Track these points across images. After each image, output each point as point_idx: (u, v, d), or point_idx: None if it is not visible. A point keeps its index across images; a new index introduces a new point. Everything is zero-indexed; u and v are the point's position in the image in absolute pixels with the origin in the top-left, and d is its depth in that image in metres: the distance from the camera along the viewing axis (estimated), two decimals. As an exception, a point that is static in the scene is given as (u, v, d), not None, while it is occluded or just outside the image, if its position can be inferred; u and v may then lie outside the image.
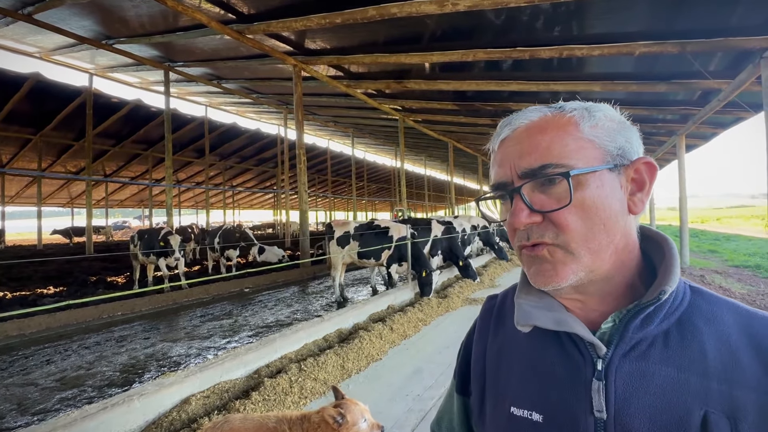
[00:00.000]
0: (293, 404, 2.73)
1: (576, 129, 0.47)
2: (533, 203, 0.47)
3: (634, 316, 0.45)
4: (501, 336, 0.58)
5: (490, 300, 0.65)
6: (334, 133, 20.68)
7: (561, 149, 0.46)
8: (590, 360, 0.46)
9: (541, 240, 0.46)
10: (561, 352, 0.50)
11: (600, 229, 0.45)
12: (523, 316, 0.51)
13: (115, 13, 7.23)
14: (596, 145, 0.47)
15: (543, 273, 0.47)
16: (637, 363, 0.44)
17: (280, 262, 10.22)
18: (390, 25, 6.31)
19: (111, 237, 25.78)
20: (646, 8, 4.85)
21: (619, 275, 0.48)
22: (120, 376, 3.72)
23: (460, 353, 0.66)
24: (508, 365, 0.55)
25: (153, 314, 6.19)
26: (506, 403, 0.52)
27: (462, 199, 51.38)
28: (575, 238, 0.45)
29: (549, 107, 0.50)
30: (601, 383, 0.45)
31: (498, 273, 8.49)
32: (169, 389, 2.53)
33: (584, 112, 0.48)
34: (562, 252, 0.46)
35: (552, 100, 2.51)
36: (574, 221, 0.45)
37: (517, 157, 0.48)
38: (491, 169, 0.53)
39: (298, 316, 5.83)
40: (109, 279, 8.74)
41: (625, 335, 0.45)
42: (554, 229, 0.46)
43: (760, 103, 4.65)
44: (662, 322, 0.45)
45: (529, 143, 0.48)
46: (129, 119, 14.07)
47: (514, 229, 0.49)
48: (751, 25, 4.60)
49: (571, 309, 0.50)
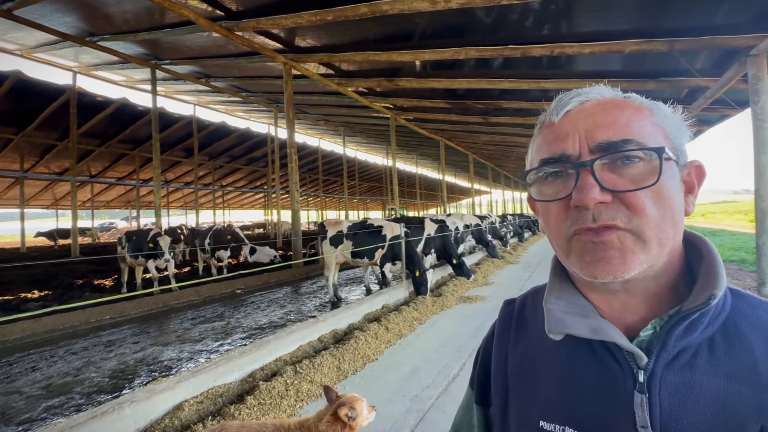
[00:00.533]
0: (289, 407, 2.68)
1: (651, 114, 0.45)
2: (604, 182, 0.42)
3: (678, 322, 0.42)
4: (523, 343, 0.54)
5: (508, 305, 0.61)
6: (325, 132, 20.55)
7: (640, 129, 0.43)
8: (629, 371, 0.43)
9: (612, 222, 0.41)
10: (595, 361, 0.46)
11: (669, 221, 0.42)
12: (555, 323, 0.47)
13: (99, 9, 7.04)
14: (668, 135, 0.45)
15: (609, 261, 0.42)
16: (683, 374, 0.41)
17: (272, 262, 10.12)
18: (381, 23, 6.26)
19: (97, 239, 25.28)
20: (634, 6, 4.89)
21: (665, 275, 0.45)
22: (109, 382, 3.62)
23: (478, 361, 0.62)
24: (533, 375, 0.51)
25: (142, 317, 6.06)
26: (534, 416, 0.48)
27: (453, 197, 51.64)
28: (650, 224, 0.41)
29: (616, 90, 0.47)
30: (644, 396, 0.41)
31: (491, 271, 8.52)
32: (161, 395, 2.47)
33: (652, 104, 0.46)
34: (632, 239, 0.41)
35: (543, 99, 2.52)
36: (650, 206, 0.41)
37: (592, 128, 0.44)
38: (543, 144, 0.48)
39: (291, 317, 5.76)
40: (96, 282, 8.54)
41: (668, 344, 0.42)
42: (626, 212, 0.42)
43: (746, 100, 4.74)
44: (707, 328, 0.42)
45: (605, 116, 0.44)
46: (115, 118, 13.75)
47: (575, 208, 0.43)
48: (738, 24, 4.67)
49: (605, 314, 0.47)
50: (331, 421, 1.61)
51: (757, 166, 4.33)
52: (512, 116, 10.93)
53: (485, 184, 40.68)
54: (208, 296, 7.29)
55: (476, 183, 34.82)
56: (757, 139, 4.33)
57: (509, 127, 12.48)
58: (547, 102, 2.21)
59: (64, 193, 21.71)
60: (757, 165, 4.34)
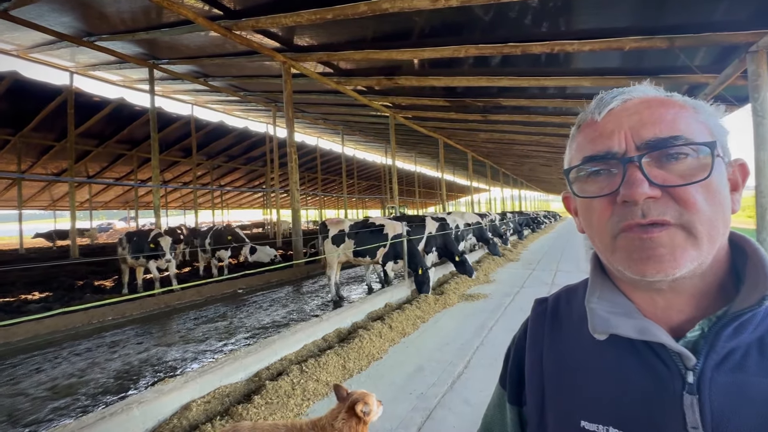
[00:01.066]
0: (296, 406, 2.70)
1: (695, 112, 0.45)
2: (653, 177, 0.42)
3: (727, 323, 0.42)
4: (558, 342, 0.54)
5: (540, 303, 0.61)
6: (324, 131, 20.51)
7: (687, 126, 0.43)
8: (677, 372, 0.43)
9: (662, 218, 0.41)
10: (639, 362, 0.46)
11: (720, 216, 0.42)
12: (600, 323, 0.47)
13: (96, 8, 7.00)
14: (713, 133, 0.45)
15: (657, 258, 0.41)
16: (734, 375, 0.41)
17: (272, 262, 10.12)
18: (380, 21, 6.24)
19: (96, 240, 25.19)
20: (634, 3, 4.90)
21: (712, 273, 0.45)
22: (114, 383, 3.62)
23: (510, 359, 0.61)
24: (572, 374, 0.51)
25: (145, 318, 6.06)
26: (575, 417, 0.48)
27: (452, 195, 51.64)
28: (702, 219, 0.41)
29: (659, 89, 0.48)
30: (694, 398, 0.41)
31: (492, 269, 8.55)
32: (168, 396, 2.48)
33: (695, 102, 0.46)
34: (683, 235, 0.41)
35: (541, 96, 2.52)
36: (702, 201, 0.41)
37: (638, 125, 0.44)
38: (584, 143, 0.48)
39: (294, 316, 5.77)
40: (97, 283, 8.52)
41: (716, 344, 0.42)
42: (677, 207, 0.42)
43: (745, 97, 4.76)
44: (756, 329, 0.42)
45: (651, 113, 0.44)
46: (112, 118, 13.69)
47: (622, 204, 0.43)
48: (737, 20, 4.68)
49: (648, 314, 0.47)
50: (346, 418, 1.62)
51: (757, 162, 4.36)
52: (511, 114, 10.93)
53: (484, 182, 40.68)
54: (209, 296, 7.29)
55: (475, 181, 34.82)
56: (757, 135, 4.35)
57: (508, 124, 12.48)
58: (547, 99, 2.26)
59: (62, 193, 21.61)
60: (757, 161, 4.36)
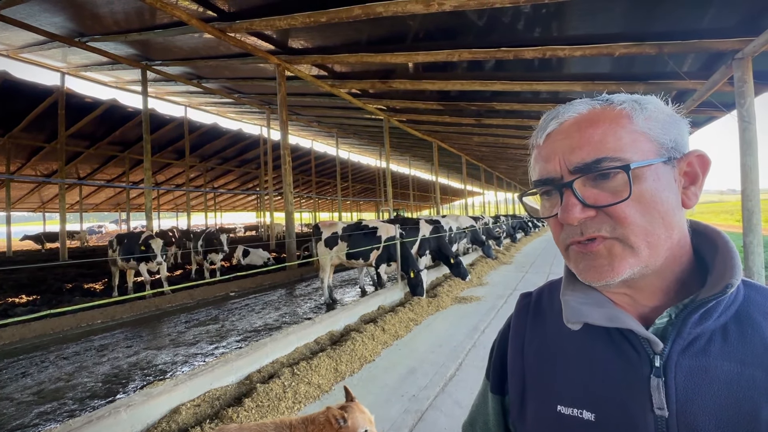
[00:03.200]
0: (287, 410, 2.68)
1: (629, 121, 0.46)
2: (585, 198, 0.45)
3: (693, 311, 0.44)
4: (540, 333, 0.57)
5: (524, 297, 0.63)
6: (318, 133, 20.51)
7: (615, 142, 0.45)
8: (646, 356, 0.45)
9: (597, 234, 0.45)
10: (612, 348, 0.48)
11: (659, 223, 0.44)
12: (572, 313, 0.49)
13: (89, 9, 6.95)
14: (650, 138, 0.46)
15: (597, 268, 0.45)
16: (697, 359, 0.44)
17: (265, 264, 10.07)
18: (375, 25, 6.28)
19: (86, 242, 24.87)
20: (624, 10, 4.97)
21: (669, 270, 0.47)
22: (102, 387, 3.57)
23: (494, 352, 0.64)
24: (551, 363, 0.53)
25: (135, 321, 5.98)
26: (552, 402, 0.50)
27: (446, 198, 51.83)
28: (635, 231, 0.44)
29: (596, 100, 0.49)
30: (660, 380, 0.44)
31: (485, 271, 8.58)
32: (157, 399, 2.44)
33: (635, 105, 0.47)
34: (620, 246, 0.45)
35: (535, 100, 2.55)
36: (633, 214, 0.44)
37: (568, 151, 0.47)
38: (534, 165, 0.52)
39: (286, 319, 5.74)
40: (86, 286, 8.40)
41: (683, 330, 0.44)
42: (611, 222, 0.45)
43: (732, 103, 4.84)
44: (720, 316, 0.44)
45: (580, 137, 0.46)
46: (104, 120, 13.57)
47: (564, 224, 0.47)
48: (724, 28, 4.77)
49: (619, 304, 0.49)
50: (323, 420, 1.61)
51: (743, 166, 4.44)
52: (505, 118, 11.02)
53: (478, 186, 40.91)
54: (201, 299, 7.23)
55: (469, 184, 35.01)
56: (743, 140, 4.43)
57: (502, 128, 12.58)
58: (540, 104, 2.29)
59: (52, 195, 21.33)
60: (743, 166, 4.44)
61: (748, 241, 4.30)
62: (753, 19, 4.49)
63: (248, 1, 6.06)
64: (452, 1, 4.88)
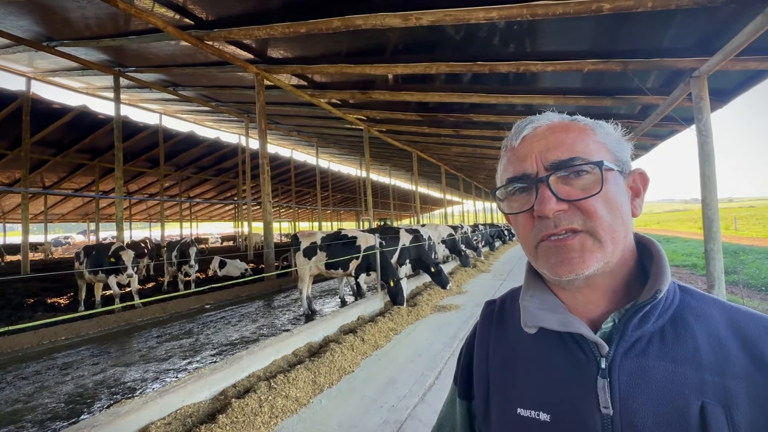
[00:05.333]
0: (263, 425, 2.60)
1: (593, 133, 0.52)
2: (559, 193, 0.49)
3: (633, 315, 0.48)
4: (503, 339, 0.59)
5: (489, 305, 0.66)
6: (298, 142, 20.40)
7: (585, 147, 0.50)
8: (594, 359, 0.49)
9: (571, 226, 0.48)
10: (565, 352, 0.51)
11: (620, 221, 0.49)
12: (529, 317, 0.53)
13: (58, 13, 6.73)
14: (609, 150, 0.52)
15: (569, 261, 0.48)
16: (638, 360, 0.47)
17: (242, 276, 9.84)
18: (354, 36, 6.36)
19: (50, 254, 23.59)
20: (592, 29, 5.24)
21: (621, 271, 0.51)
22: (65, 407, 3.37)
23: (461, 358, 0.66)
24: (512, 367, 0.56)
25: (102, 337, 5.69)
26: (512, 405, 0.53)
27: (426, 207, 52.30)
28: (603, 225, 0.48)
29: (562, 115, 0.55)
30: (605, 381, 0.47)
31: (464, 280, 8.67)
32: (124, 418, 2.33)
33: (595, 124, 0.53)
34: (591, 240, 0.48)
35: (510, 113, 2.65)
36: (601, 209, 0.48)
37: (544, 150, 0.51)
38: (507, 165, 0.55)
39: (264, 331, 5.60)
40: (50, 300, 7.96)
41: (625, 334, 0.48)
42: (582, 215, 0.48)
43: (692, 117, 5.13)
44: (658, 319, 0.48)
45: (555, 138, 0.51)
46: (73, 127, 13.06)
47: (538, 218, 0.50)
48: (682, 48, 5.10)
49: (573, 309, 0.53)
50: None
51: (703, 177, 4.70)
52: (482, 129, 11.30)
53: (457, 195, 41.53)
54: (174, 312, 6.96)
55: (448, 194, 35.49)
56: (701, 153, 4.70)
57: (479, 139, 12.88)
58: (515, 116, 2.40)
59: (14, 205, 20.25)
60: (703, 176, 4.70)
61: (709, 248, 4.54)
62: (708, 41, 4.82)
63: (227, 10, 6.02)
64: (429, 15, 5.01)
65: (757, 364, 0.44)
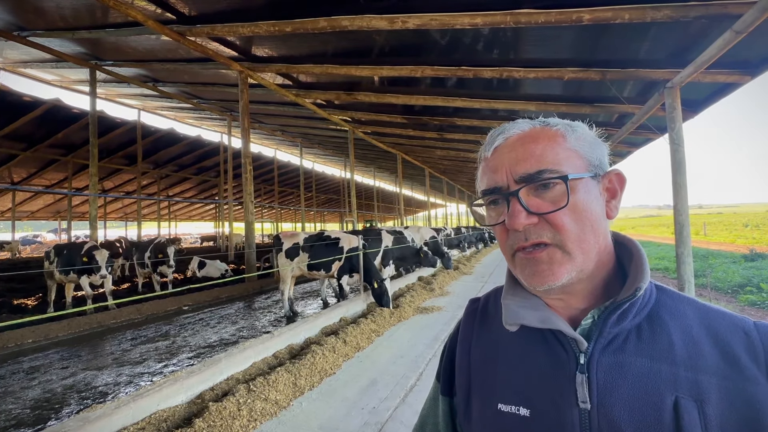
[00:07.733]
0: (242, 428, 2.55)
1: (564, 140, 0.52)
2: (529, 206, 0.50)
3: (611, 312, 0.49)
4: (485, 336, 0.60)
5: (472, 303, 0.67)
6: (282, 142, 20.17)
7: (554, 157, 0.50)
8: (573, 355, 0.50)
9: (540, 239, 0.50)
10: (546, 348, 0.53)
11: (589, 230, 0.50)
12: (511, 315, 0.54)
13: (31, 2, 6.46)
14: (581, 155, 0.52)
15: (540, 273, 0.49)
16: (615, 356, 0.48)
17: (222, 276, 9.63)
18: (340, 37, 6.34)
19: (18, 253, 22.53)
20: (572, 39, 5.39)
21: (599, 275, 0.52)
22: (31, 413, 3.22)
23: (444, 356, 0.67)
24: (494, 364, 0.57)
25: (73, 340, 5.47)
26: (494, 400, 0.54)
27: (410, 210, 52.52)
28: (571, 237, 0.49)
29: (535, 121, 0.55)
30: (584, 376, 0.48)
31: (447, 282, 8.75)
32: (95, 424, 2.24)
33: (567, 127, 0.53)
34: (560, 253, 0.49)
35: (493, 117, 2.69)
36: (569, 222, 0.49)
37: (513, 163, 0.51)
38: (482, 176, 0.56)
39: (244, 333, 5.50)
40: (16, 302, 7.60)
41: (604, 330, 0.49)
42: (551, 229, 0.49)
43: (665, 127, 5.34)
44: (635, 317, 0.50)
45: (524, 150, 0.51)
46: (45, 121, 12.52)
47: (510, 230, 0.51)
48: (657, 59, 5.31)
49: (554, 307, 0.54)
50: None
51: (675, 184, 4.89)
52: (465, 133, 11.44)
53: (441, 198, 41.89)
54: (151, 314, 6.76)
55: (432, 196, 35.77)
56: (674, 161, 4.90)
57: (463, 143, 13.04)
58: (498, 121, 2.43)
59: (-21, 201, 19.27)
60: (675, 183, 4.89)
61: (680, 252, 4.71)
62: (681, 53, 5.03)
63: (210, 6, 5.92)
64: (415, 19, 5.05)
65: (727, 360, 0.46)
